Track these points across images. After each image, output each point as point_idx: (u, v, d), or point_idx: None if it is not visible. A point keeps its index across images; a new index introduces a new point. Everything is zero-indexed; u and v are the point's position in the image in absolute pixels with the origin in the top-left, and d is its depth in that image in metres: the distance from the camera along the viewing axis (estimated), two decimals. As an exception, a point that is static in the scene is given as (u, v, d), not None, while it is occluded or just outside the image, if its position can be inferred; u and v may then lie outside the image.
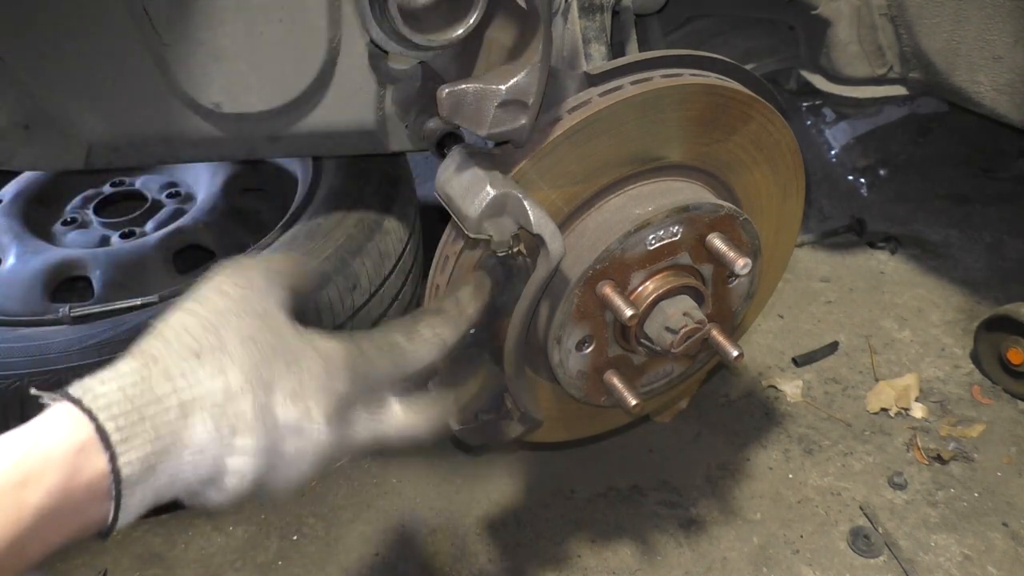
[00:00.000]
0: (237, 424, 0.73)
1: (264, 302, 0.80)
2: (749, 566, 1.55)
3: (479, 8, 1.07)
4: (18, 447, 0.64)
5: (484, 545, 1.62)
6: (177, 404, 0.70)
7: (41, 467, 0.63)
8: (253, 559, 1.62)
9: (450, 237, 1.13)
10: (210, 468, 0.73)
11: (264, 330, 0.78)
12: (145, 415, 0.68)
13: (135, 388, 0.69)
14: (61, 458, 0.64)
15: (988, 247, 2.33)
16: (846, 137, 2.68)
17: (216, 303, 0.77)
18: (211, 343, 0.74)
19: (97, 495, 0.66)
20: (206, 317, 0.76)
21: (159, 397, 0.70)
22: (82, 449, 0.65)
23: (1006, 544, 1.55)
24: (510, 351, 1.14)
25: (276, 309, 0.81)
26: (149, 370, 0.71)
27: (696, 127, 1.19)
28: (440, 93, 0.99)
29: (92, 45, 1.26)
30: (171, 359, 0.72)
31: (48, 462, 0.64)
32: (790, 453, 1.77)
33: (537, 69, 0.99)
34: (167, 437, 0.69)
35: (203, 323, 0.75)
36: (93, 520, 0.68)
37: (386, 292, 1.77)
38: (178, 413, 0.70)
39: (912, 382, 1.89)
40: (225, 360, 0.74)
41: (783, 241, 1.47)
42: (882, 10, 1.77)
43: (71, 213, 2.09)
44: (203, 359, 0.73)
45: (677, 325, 1.17)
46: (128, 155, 1.40)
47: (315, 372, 0.79)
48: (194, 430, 0.71)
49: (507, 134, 1.02)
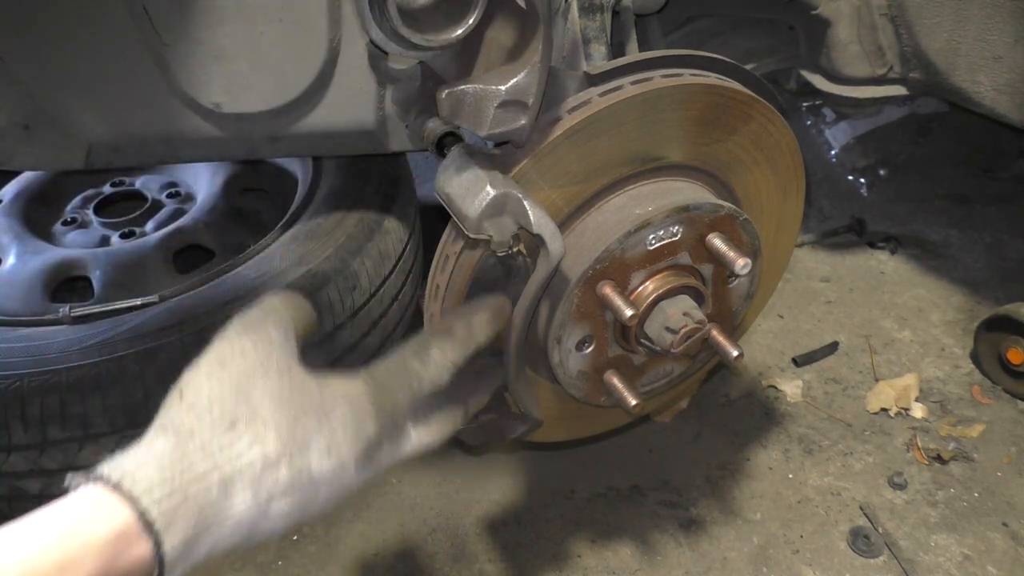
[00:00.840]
0: (274, 492, 0.74)
1: (284, 358, 0.80)
2: (749, 566, 1.55)
3: (478, 8, 1.07)
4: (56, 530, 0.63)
5: (484, 545, 1.62)
6: (218, 480, 0.70)
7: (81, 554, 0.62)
8: (253, 559, 1.62)
9: (450, 237, 1.13)
10: (246, 534, 0.74)
11: (291, 389, 0.78)
12: (188, 495, 0.68)
13: (174, 468, 0.69)
14: (102, 545, 0.63)
15: (988, 247, 2.33)
16: (846, 137, 2.68)
17: (240, 365, 0.77)
18: (244, 413, 0.74)
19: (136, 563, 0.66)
20: (234, 383, 0.76)
21: (201, 475, 0.70)
22: (123, 535, 0.64)
23: (1006, 544, 1.55)
24: (510, 351, 1.14)
25: (295, 363, 0.81)
26: (186, 446, 0.71)
27: (696, 127, 1.19)
28: (440, 94, 0.99)
29: (92, 45, 1.26)
30: (207, 433, 0.72)
31: (88, 548, 0.63)
32: (790, 453, 1.77)
33: (537, 69, 0.99)
34: (210, 516, 0.70)
35: (232, 390, 0.75)
36: None
37: (386, 292, 1.77)
38: (220, 490, 0.70)
39: (912, 382, 1.89)
40: (260, 428, 0.74)
41: (783, 241, 1.47)
42: (882, 10, 1.77)
43: (71, 213, 2.08)
44: (238, 430, 0.73)
45: (677, 325, 1.17)
46: (128, 155, 1.40)
47: (345, 422, 0.80)
48: (235, 505, 0.71)
49: (507, 134, 1.02)
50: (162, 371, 1.49)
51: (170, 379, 1.44)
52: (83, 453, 1.51)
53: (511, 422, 1.28)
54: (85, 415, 1.46)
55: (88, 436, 1.49)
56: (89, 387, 1.45)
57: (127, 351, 1.47)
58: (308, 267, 1.63)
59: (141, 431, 0.73)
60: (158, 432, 0.73)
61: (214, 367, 0.77)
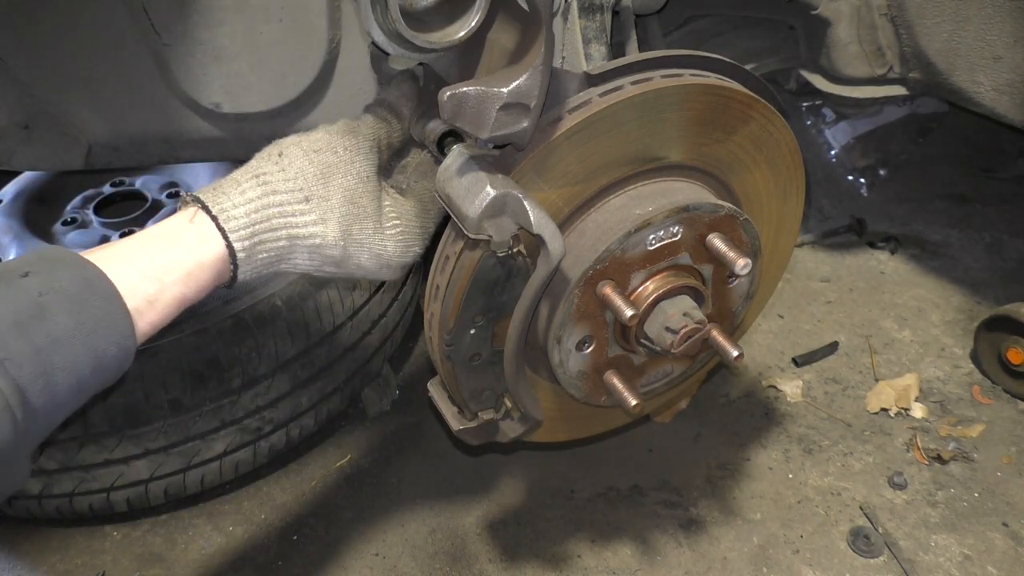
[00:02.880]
0: (326, 263, 0.99)
1: (367, 167, 1.01)
2: (749, 566, 1.55)
3: (480, 10, 1.07)
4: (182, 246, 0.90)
5: (484, 545, 1.62)
6: (286, 237, 0.94)
7: (198, 268, 0.90)
8: (253, 559, 1.62)
9: (450, 237, 1.13)
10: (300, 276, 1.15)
11: (364, 194, 1.00)
12: (264, 241, 0.93)
13: (258, 215, 0.92)
14: (209, 264, 0.91)
15: (988, 247, 2.33)
16: (846, 137, 2.68)
17: (330, 158, 0.98)
18: (319, 193, 0.95)
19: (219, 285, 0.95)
20: (321, 167, 0.96)
21: (275, 228, 0.93)
22: (219, 261, 0.91)
23: (1006, 544, 1.55)
24: (510, 351, 1.14)
25: (375, 174, 1.03)
26: (269, 199, 0.93)
27: (696, 127, 1.19)
28: (441, 96, 0.99)
29: (92, 45, 1.26)
30: (286, 196, 0.94)
31: (203, 266, 0.91)
32: (790, 453, 1.77)
33: (539, 72, 0.99)
34: (275, 261, 0.96)
35: (318, 173, 0.96)
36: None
37: (386, 292, 1.77)
38: (286, 244, 0.95)
39: (912, 382, 1.89)
40: (328, 212, 0.96)
41: (783, 241, 1.47)
42: (882, 10, 1.77)
43: (71, 213, 2.08)
44: (311, 204, 0.95)
45: (677, 325, 1.17)
46: (128, 155, 1.40)
47: (397, 238, 1.05)
48: (295, 259, 0.97)
49: (509, 137, 1.02)
50: (162, 371, 1.49)
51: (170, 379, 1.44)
52: (83, 453, 1.51)
53: (511, 422, 1.28)
54: (85, 415, 1.46)
55: (88, 436, 1.49)
56: (89, 387, 1.45)
57: (127, 351, 1.47)
58: (308, 267, 1.63)
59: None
60: (251, 178, 0.94)
61: (311, 149, 0.98)
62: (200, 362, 1.53)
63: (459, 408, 1.27)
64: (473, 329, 1.15)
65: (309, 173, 0.96)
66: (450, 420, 1.27)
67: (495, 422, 1.27)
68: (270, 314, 1.58)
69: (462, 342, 1.15)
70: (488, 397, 1.25)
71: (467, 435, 1.27)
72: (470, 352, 1.17)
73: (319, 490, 1.75)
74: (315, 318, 1.62)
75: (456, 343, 1.15)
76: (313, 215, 0.95)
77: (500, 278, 1.10)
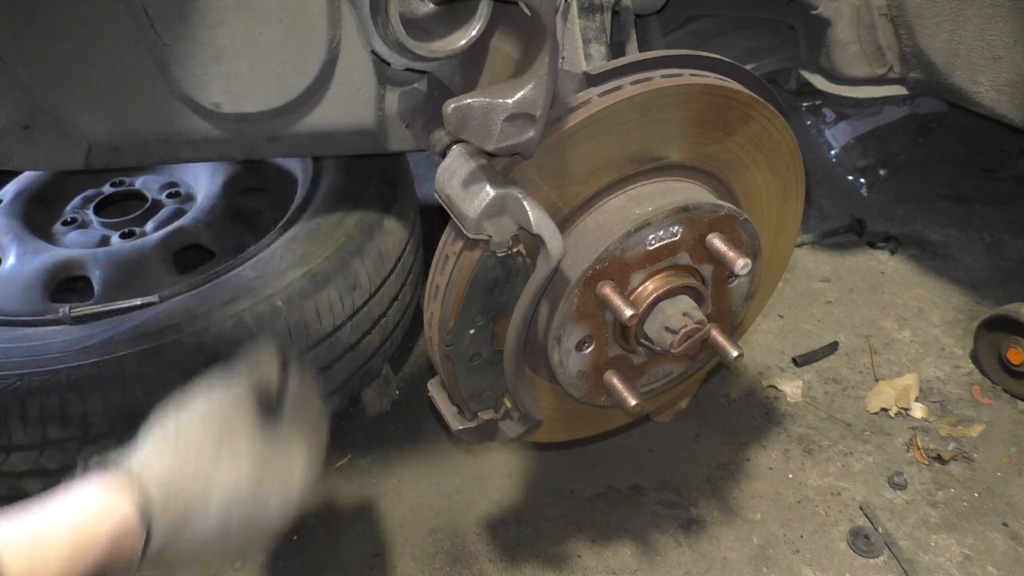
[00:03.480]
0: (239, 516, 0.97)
1: (250, 421, 0.99)
2: (749, 566, 1.55)
3: (482, 18, 1.06)
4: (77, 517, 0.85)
5: (484, 545, 1.62)
6: (203, 501, 0.93)
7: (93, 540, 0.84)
8: (253, 559, 1.62)
9: (450, 237, 1.13)
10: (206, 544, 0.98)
11: (263, 441, 0.99)
12: (177, 507, 0.91)
13: (172, 487, 0.91)
14: (109, 535, 0.85)
15: (988, 247, 2.33)
16: (846, 137, 2.67)
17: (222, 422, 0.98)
18: (230, 455, 0.96)
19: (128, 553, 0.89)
20: (222, 427, 0.97)
21: (193, 495, 0.92)
22: (126, 530, 0.87)
23: (1006, 544, 1.55)
24: (510, 351, 1.14)
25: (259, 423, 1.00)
26: (183, 471, 0.93)
27: (696, 127, 1.19)
28: (446, 109, 0.98)
29: (92, 45, 1.26)
30: (199, 463, 0.94)
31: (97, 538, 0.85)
32: (790, 453, 1.77)
33: (544, 81, 0.98)
34: (187, 528, 0.93)
35: (219, 435, 0.96)
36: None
37: (386, 292, 1.77)
38: (201, 506, 0.93)
39: (912, 382, 1.89)
40: (240, 470, 0.96)
41: (783, 241, 1.47)
42: (882, 10, 1.77)
43: (71, 213, 2.08)
44: (222, 467, 0.95)
45: (677, 325, 1.17)
46: (128, 155, 1.40)
47: (301, 476, 1.03)
48: (208, 519, 0.94)
49: (515, 147, 1.01)
50: (162, 371, 1.49)
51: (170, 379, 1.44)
52: (83, 453, 1.51)
53: (511, 422, 1.28)
54: (85, 415, 1.46)
55: (88, 436, 1.49)
56: (89, 387, 1.45)
57: (127, 351, 1.47)
58: (308, 267, 1.63)
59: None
60: (162, 448, 0.94)
61: (204, 413, 0.98)
62: (200, 362, 1.53)
63: (459, 408, 1.27)
64: (473, 329, 1.15)
65: (212, 436, 0.97)
66: (450, 420, 1.27)
67: (495, 422, 1.28)
68: (270, 314, 1.58)
69: (462, 342, 1.15)
70: (488, 397, 1.25)
71: (467, 435, 1.27)
72: (470, 352, 1.17)
73: (319, 490, 1.75)
74: (315, 318, 1.62)
75: (456, 343, 1.15)
76: (229, 476, 0.96)
77: (500, 278, 1.10)
